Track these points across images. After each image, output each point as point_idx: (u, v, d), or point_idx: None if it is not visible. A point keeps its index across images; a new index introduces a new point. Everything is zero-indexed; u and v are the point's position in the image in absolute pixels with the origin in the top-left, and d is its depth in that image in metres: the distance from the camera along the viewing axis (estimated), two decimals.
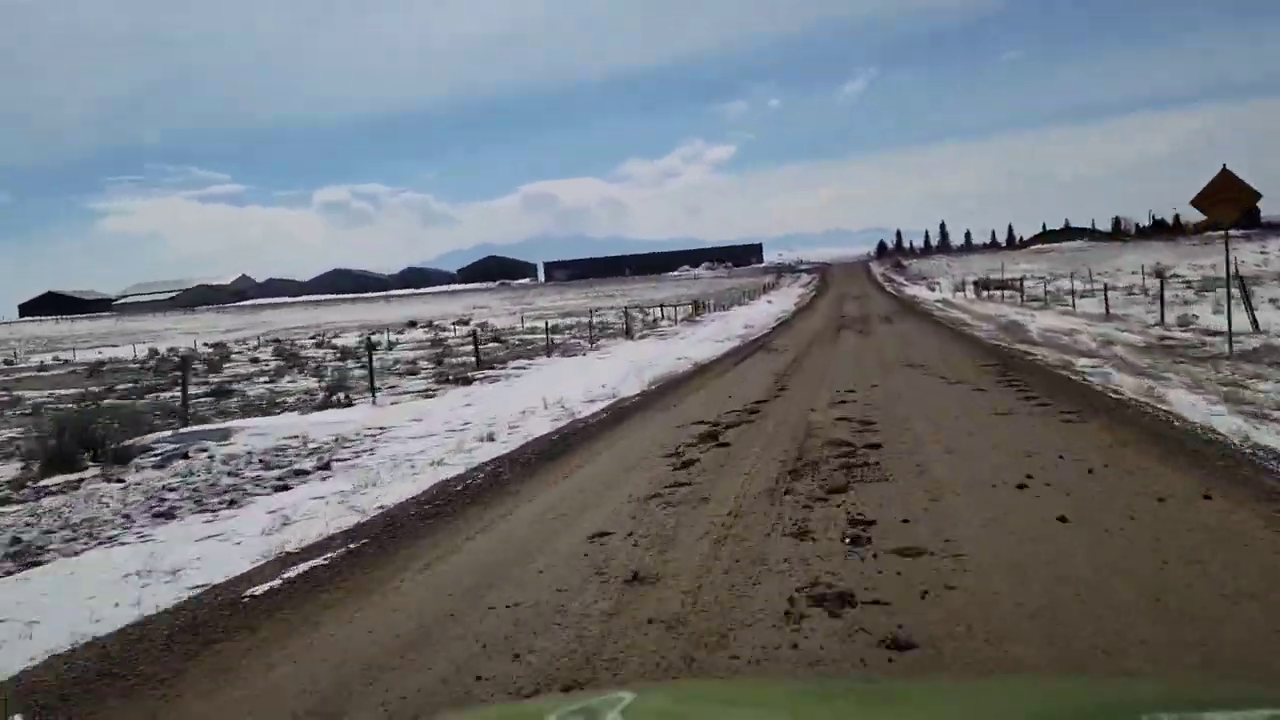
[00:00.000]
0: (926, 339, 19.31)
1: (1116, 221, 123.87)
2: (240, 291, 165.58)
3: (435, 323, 62.04)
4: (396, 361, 25.55)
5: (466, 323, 60.96)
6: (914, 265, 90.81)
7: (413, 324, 67.41)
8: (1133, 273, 59.70)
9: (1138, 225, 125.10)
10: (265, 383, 21.68)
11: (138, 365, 35.83)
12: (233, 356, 38.15)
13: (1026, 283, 47.74)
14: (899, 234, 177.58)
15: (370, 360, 16.28)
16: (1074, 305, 28.24)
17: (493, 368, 20.23)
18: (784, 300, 55.26)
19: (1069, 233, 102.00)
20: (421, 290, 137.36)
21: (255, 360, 33.23)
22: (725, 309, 51.48)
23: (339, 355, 31.63)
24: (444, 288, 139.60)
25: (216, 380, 22.98)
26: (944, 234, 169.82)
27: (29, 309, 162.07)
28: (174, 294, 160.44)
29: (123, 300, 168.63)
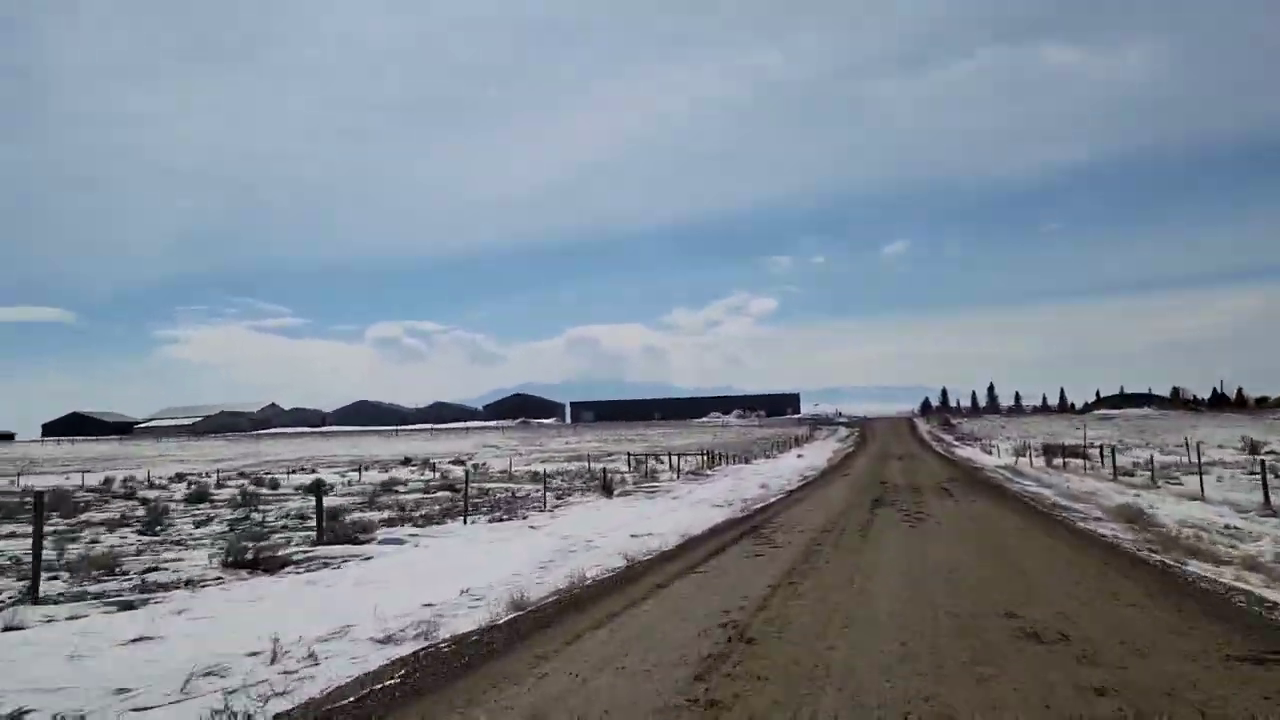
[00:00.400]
0: (1021, 537, 12.31)
1: (1175, 391, 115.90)
2: (264, 420, 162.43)
3: (433, 461, 56.13)
4: (289, 517, 19.20)
5: (463, 463, 55.01)
6: (964, 425, 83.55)
7: (407, 461, 61.65)
8: (1220, 446, 52.13)
9: (1195, 396, 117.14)
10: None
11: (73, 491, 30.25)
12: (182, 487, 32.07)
13: (1093, 451, 40.65)
14: (944, 392, 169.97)
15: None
16: (1199, 486, 21.04)
17: (371, 537, 13.79)
18: (815, 456, 48.48)
19: (1130, 399, 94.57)
20: (439, 426, 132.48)
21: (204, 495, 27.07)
22: (745, 462, 44.84)
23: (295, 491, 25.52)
24: (463, 424, 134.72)
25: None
26: (992, 395, 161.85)
27: (51, 429, 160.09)
28: (196, 420, 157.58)
29: (145, 424, 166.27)
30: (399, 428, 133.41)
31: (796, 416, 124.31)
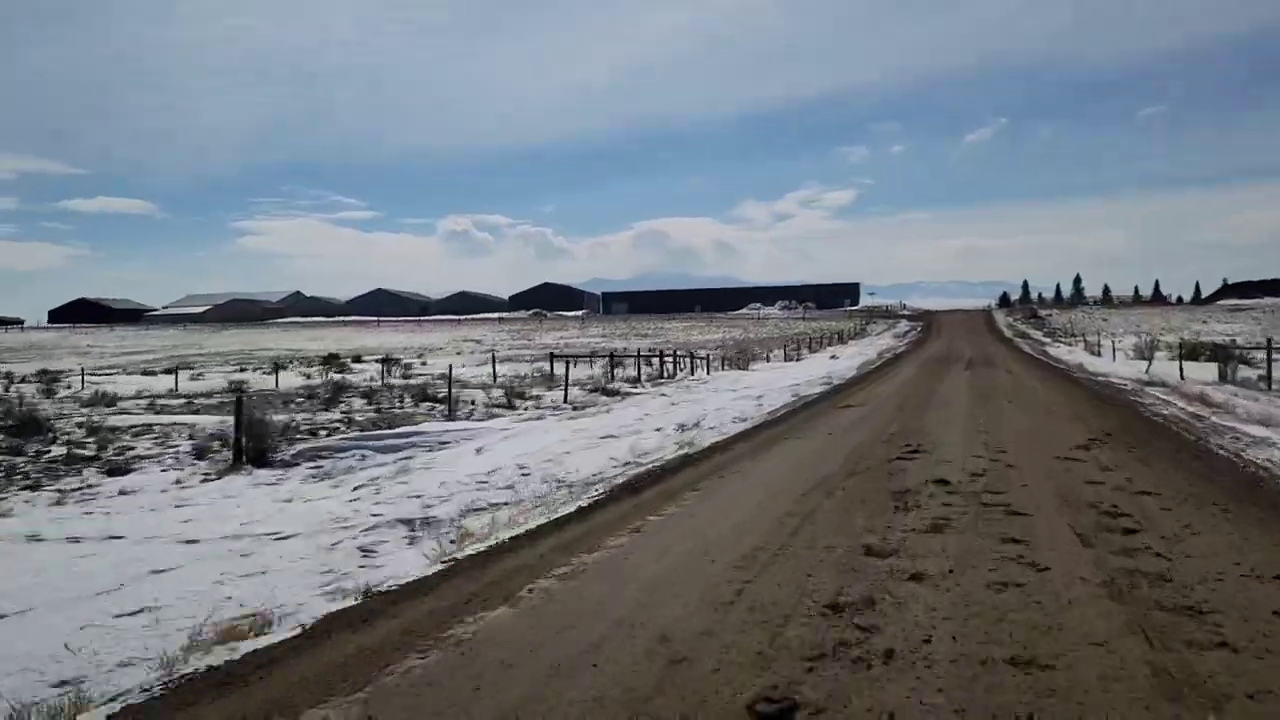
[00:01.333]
0: None
1: None
2: (278, 310, 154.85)
3: (391, 358, 45.19)
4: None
5: (394, 362, 43.94)
6: (1054, 318, 69.14)
7: (357, 359, 50.87)
8: None
9: None
10: None
11: None
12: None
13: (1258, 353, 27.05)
14: (1025, 285, 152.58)
15: None
16: None
17: None
18: (851, 358, 35.77)
19: (1265, 286, 78.30)
20: (443, 317, 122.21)
21: None
22: (743, 367, 32.50)
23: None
24: (483, 315, 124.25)
25: None
26: (1078, 289, 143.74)
27: (58, 315, 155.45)
28: (206, 309, 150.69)
29: (157, 312, 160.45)
30: (420, 318, 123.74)
31: (854, 308, 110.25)
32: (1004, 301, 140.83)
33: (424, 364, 43.55)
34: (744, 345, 48.39)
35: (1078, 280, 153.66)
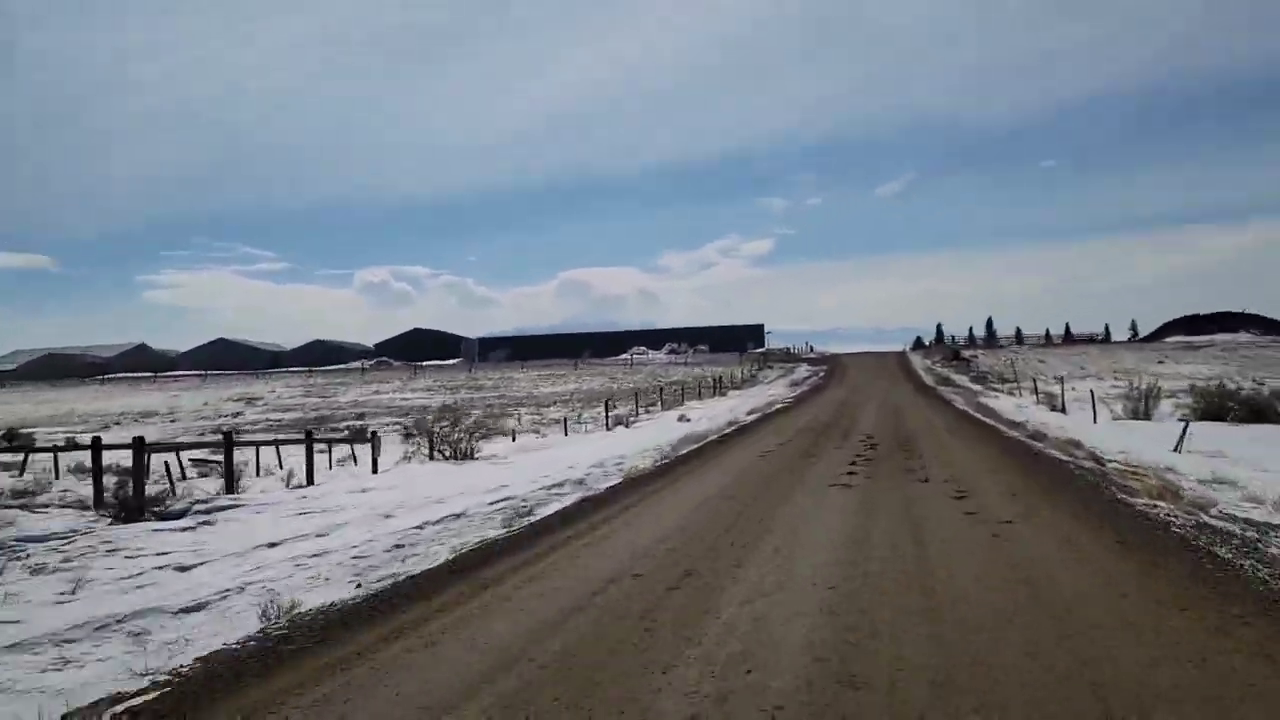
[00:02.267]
0: None
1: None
2: (104, 365, 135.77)
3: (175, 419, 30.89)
4: None
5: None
6: (980, 360, 58.80)
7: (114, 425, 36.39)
8: None
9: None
10: None
11: None
12: None
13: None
14: (939, 328, 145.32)
15: None
16: None
17: None
18: (723, 414, 23.49)
19: (1214, 321, 70.06)
20: (291, 370, 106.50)
21: None
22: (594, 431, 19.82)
23: None
24: (342, 365, 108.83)
25: None
26: (991, 331, 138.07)
27: None
28: (10, 367, 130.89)
29: None
30: (241, 372, 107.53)
31: (758, 351, 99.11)
32: (918, 344, 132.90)
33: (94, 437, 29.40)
34: (602, 396, 35.89)
35: (990, 323, 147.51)
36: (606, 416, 27.29)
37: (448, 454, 16.95)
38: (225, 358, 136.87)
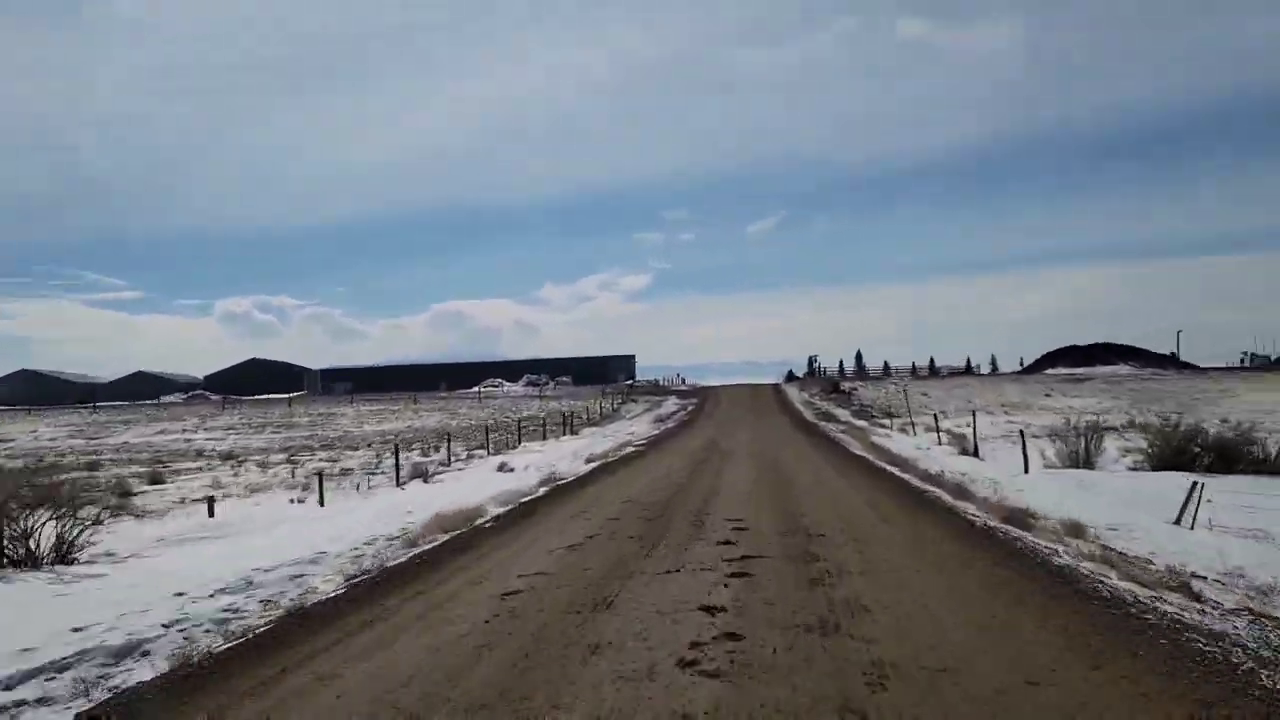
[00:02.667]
0: None
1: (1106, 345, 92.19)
2: None
3: None
4: None
5: None
6: (862, 392, 54.64)
7: None
8: None
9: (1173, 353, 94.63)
10: None
11: None
12: None
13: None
14: (811, 360, 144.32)
15: None
16: None
17: None
18: (564, 459, 16.91)
19: (1088, 353, 68.62)
20: (111, 404, 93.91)
21: None
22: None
23: None
24: (158, 400, 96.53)
25: None
26: (860, 364, 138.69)
27: None
28: None
29: None
30: (76, 405, 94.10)
31: (629, 383, 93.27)
32: (790, 377, 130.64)
33: None
34: (433, 435, 28.82)
35: (859, 356, 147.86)
36: (397, 467, 20.35)
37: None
38: (26, 391, 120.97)
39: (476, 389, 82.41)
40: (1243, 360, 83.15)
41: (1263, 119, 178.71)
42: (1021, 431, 18.55)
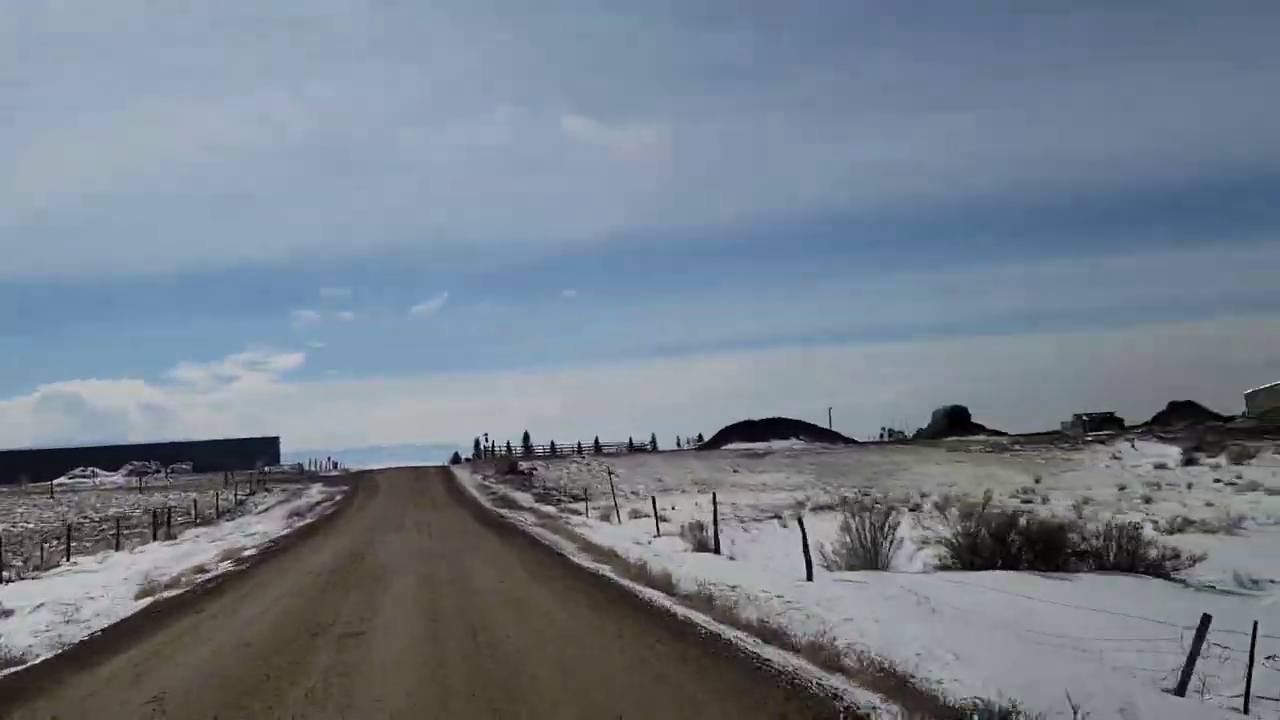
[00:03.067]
0: None
1: (774, 421, 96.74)
2: None
3: None
4: None
5: None
6: (541, 473, 49.14)
7: None
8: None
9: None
10: None
11: None
12: None
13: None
14: (477, 442, 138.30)
15: None
16: None
17: None
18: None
19: (758, 429, 69.42)
20: None
21: None
22: None
23: None
24: None
25: None
26: (528, 444, 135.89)
27: None
28: None
29: None
30: None
31: (273, 469, 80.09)
32: (455, 459, 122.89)
33: None
34: None
35: (527, 437, 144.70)
36: None
37: None
38: None
39: (81, 476, 65.62)
40: (882, 435, 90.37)
41: (873, 229, 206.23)
42: (800, 520, 13.53)
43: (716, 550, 17.51)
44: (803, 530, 13.19)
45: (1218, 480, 37.39)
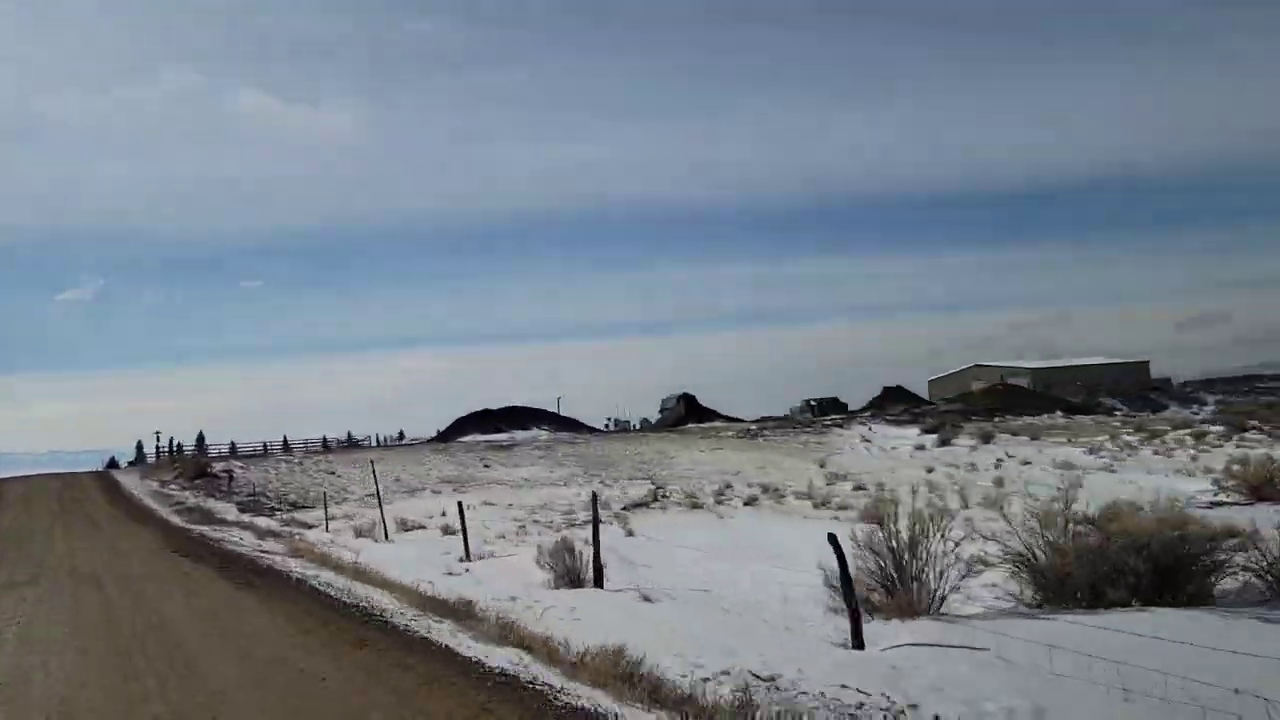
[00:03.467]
0: None
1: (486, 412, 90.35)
2: None
3: None
4: None
5: None
6: (242, 474, 39.40)
7: None
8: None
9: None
10: None
11: None
12: None
13: None
14: (140, 445, 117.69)
15: None
16: None
17: None
18: None
19: (494, 418, 62.14)
20: None
21: None
22: None
23: None
24: None
25: None
26: (202, 445, 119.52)
27: None
28: None
29: None
30: None
31: None
32: (113, 464, 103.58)
33: None
34: None
35: (201, 438, 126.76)
36: None
37: None
38: None
39: None
40: (607, 424, 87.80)
41: (580, 227, 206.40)
42: (833, 539, 8.01)
43: (599, 583, 11.59)
44: (839, 555, 7.77)
45: (1010, 459, 37.03)
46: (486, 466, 40.28)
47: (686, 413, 71.70)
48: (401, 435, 62.60)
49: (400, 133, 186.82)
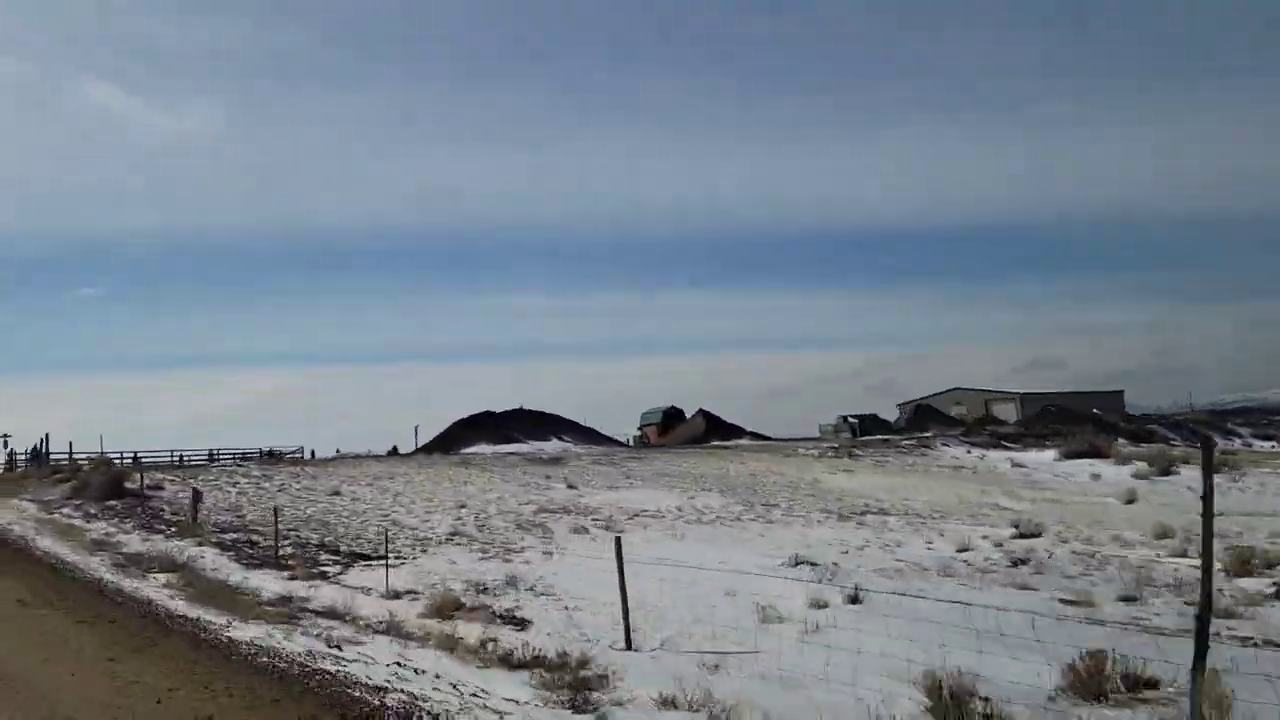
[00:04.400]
0: None
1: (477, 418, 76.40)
2: None
3: None
4: None
5: None
6: (174, 489, 25.25)
7: None
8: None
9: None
10: None
11: None
12: None
13: None
14: (12, 452, 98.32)
15: None
16: None
17: None
18: None
19: (495, 423, 47.81)
20: None
21: None
22: None
23: None
24: None
25: None
26: (39, 453, 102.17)
27: None
28: None
29: None
30: None
31: None
32: (11, 463, 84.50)
33: None
34: None
35: (45, 441, 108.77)
36: None
37: None
38: None
39: None
40: (629, 438, 75.44)
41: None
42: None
43: None
44: None
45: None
46: (571, 487, 27.00)
47: (708, 429, 59.68)
48: (395, 449, 47.07)
49: (269, 135, 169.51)
